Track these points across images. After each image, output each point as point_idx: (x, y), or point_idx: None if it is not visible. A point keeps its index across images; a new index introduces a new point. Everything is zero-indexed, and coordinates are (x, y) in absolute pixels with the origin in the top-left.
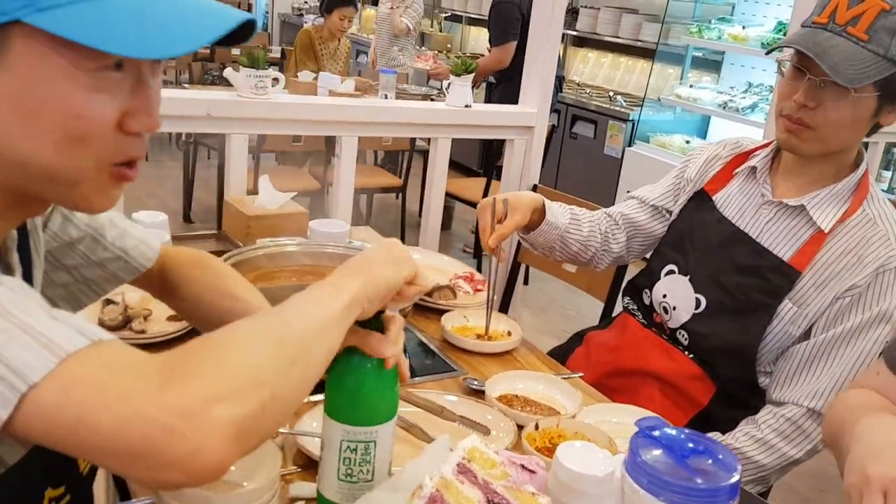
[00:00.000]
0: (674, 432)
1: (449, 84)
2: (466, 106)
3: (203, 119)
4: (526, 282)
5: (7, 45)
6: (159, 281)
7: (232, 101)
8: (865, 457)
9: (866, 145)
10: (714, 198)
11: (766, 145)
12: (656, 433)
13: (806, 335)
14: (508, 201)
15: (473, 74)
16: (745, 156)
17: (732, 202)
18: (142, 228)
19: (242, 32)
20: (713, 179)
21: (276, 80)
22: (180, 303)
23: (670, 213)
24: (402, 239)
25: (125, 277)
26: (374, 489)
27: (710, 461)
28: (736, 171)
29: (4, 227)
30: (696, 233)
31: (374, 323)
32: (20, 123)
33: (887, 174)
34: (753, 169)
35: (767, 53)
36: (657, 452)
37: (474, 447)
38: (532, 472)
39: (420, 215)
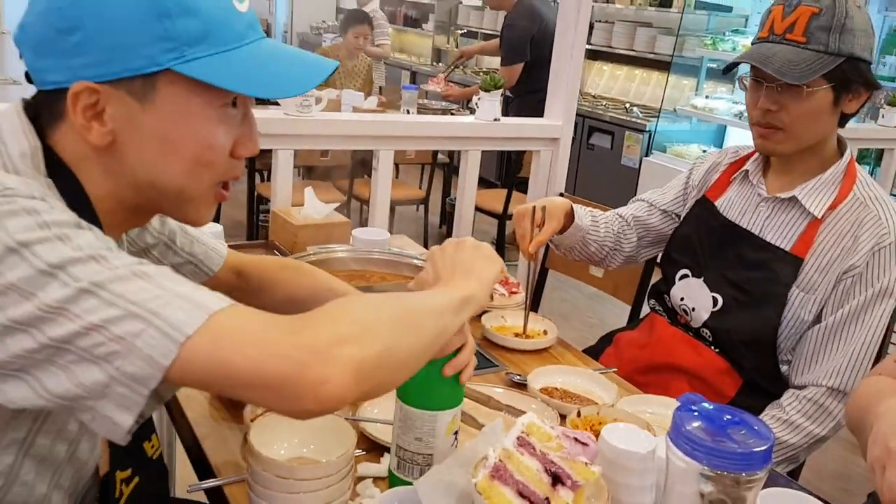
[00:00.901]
0: (712, 407)
1: (479, 99)
2: (495, 119)
3: None
4: None
5: (155, 88)
6: (240, 286)
7: (279, 118)
8: (888, 432)
9: (881, 153)
10: (716, 203)
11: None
12: (697, 407)
13: (817, 319)
14: (546, 209)
15: (501, 89)
16: (742, 162)
17: (733, 205)
18: (211, 237)
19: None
20: (713, 187)
21: (318, 99)
22: (271, 305)
23: (679, 216)
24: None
25: (196, 281)
26: (438, 465)
27: (745, 431)
28: (733, 177)
29: (116, 234)
30: (704, 237)
31: None
32: (161, 152)
33: None
34: (747, 172)
35: (724, 73)
36: (698, 424)
37: (532, 422)
38: (584, 444)
39: (441, 226)
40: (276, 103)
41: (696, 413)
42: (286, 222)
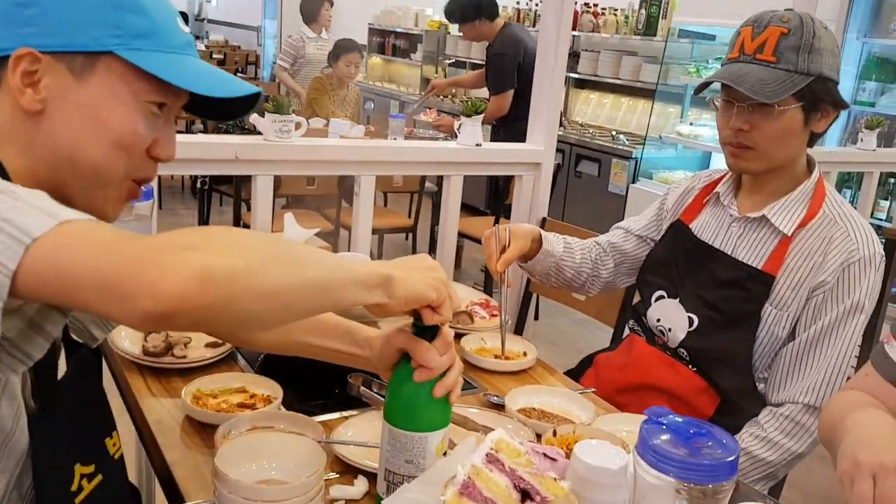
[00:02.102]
0: (679, 419)
1: (461, 124)
2: (477, 145)
3: (231, 162)
4: (536, 317)
5: (94, 67)
6: None
7: (258, 144)
8: (856, 446)
9: (862, 176)
10: (690, 226)
11: (728, 173)
12: (664, 420)
13: (791, 336)
14: (511, 230)
15: (483, 114)
16: (715, 185)
17: (707, 227)
18: None
19: (248, 106)
20: (687, 210)
21: (298, 124)
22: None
23: (654, 241)
24: None
25: None
26: (411, 482)
27: (711, 443)
28: (706, 199)
29: None
30: (679, 258)
31: (428, 333)
32: (86, 128)
33: (885, 204)
34: (718, 195)
35: (696, 93)
36: (665, 437)
37: (501, 439)
38: (553, 459)
39: (429, 254)
40: (241, 131)
41: (663, 426)
42: None
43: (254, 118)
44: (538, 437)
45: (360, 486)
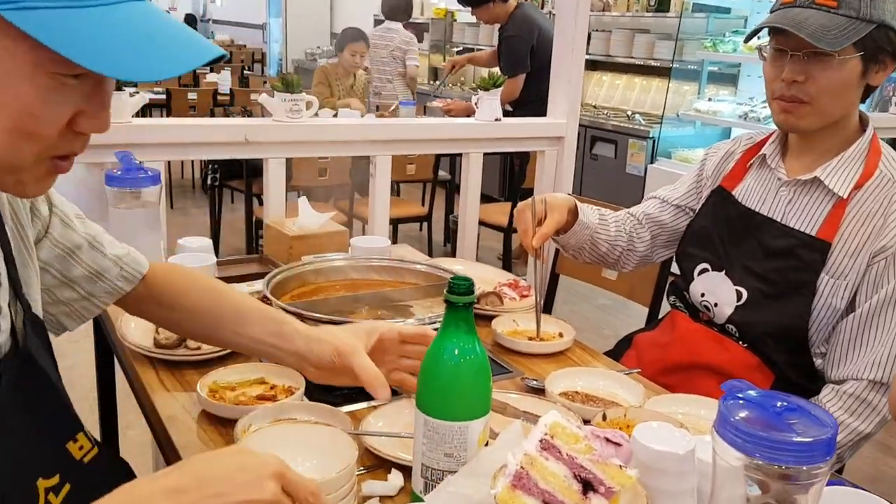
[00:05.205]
0: (758, 393)
1: (478, 99)
2: (496, 119)
3: (241, 145)
4: None
5: None
6: (148, 296)
7: (268, 125)
8: None
9: (895, 143)
10: (734, 192)
11: (773, 134)
12: (743, 395)
13: (851, 307)
14: (547, 201)
15: (501, 88)
16: (758, 147)
17: (752, 193)
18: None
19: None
20: (729, 176)
21: (309, 103)
22: (173, 314)
23: (694, 210)
24: None
25: (123, 287)
26: (453, 476)
27: (802, 418)
28: (749, 163)
29: None
30: (723, 228)
31: (462, 313)
32: None
33: None
34: (764, 157)
35: (746, 41)
36: (746, 413)
37: (556, 422)
38: (617, 444)
39: (445, 244)
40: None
41: (744, 401)
42: (280, 234)
43: (263, 98)
44: (585, 422)
45: (394, 480)
